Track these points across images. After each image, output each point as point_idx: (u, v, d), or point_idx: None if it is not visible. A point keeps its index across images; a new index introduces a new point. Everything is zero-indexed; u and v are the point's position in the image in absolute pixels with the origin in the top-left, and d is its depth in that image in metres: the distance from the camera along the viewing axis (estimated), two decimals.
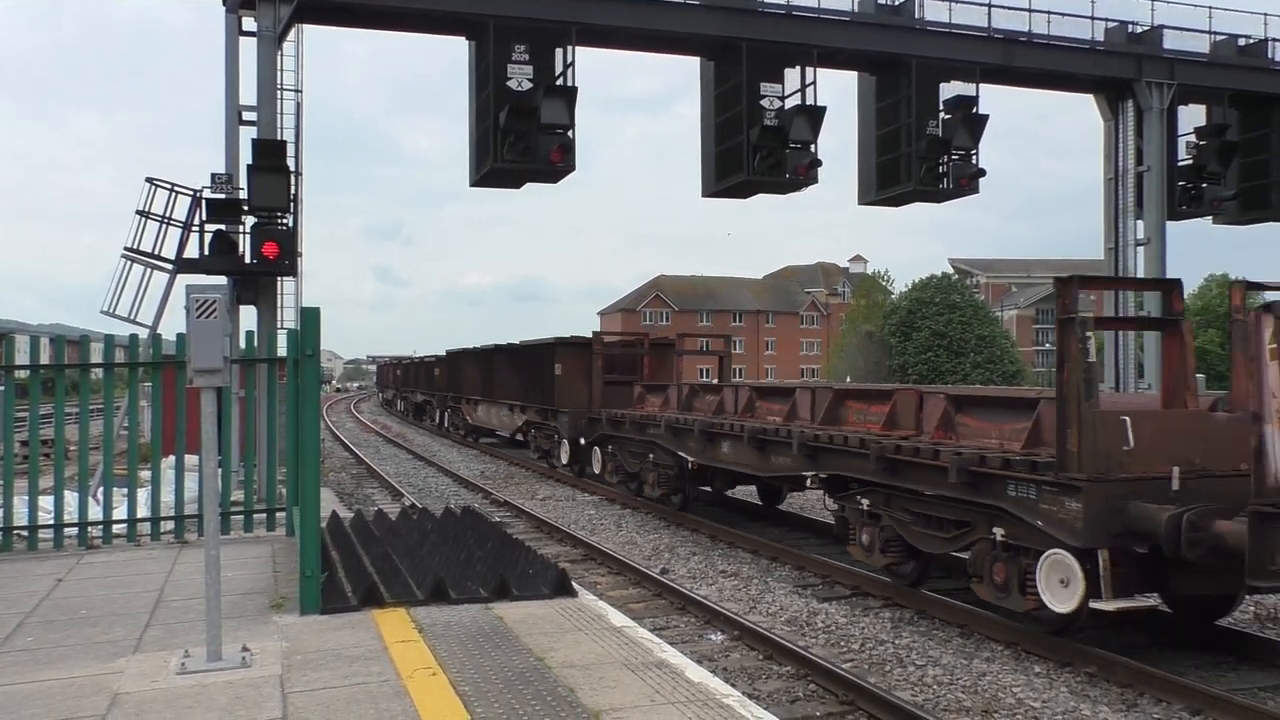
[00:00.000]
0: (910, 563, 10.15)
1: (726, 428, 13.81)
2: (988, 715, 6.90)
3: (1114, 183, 24.48)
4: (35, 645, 6.17)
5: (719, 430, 14.02)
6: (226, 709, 4.96)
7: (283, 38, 18.12)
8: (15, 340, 15.87)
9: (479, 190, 20.75)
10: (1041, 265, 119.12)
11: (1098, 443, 7.56)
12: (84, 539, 9.43)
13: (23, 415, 16.13)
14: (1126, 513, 7.43)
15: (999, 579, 8.51)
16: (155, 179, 16.73)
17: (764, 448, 12.79)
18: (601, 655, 5.86)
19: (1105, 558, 7.40)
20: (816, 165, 20.02)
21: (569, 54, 18.72)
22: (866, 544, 10.55)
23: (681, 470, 15.60)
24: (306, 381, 7.49)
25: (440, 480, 22.49)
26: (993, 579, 8.58)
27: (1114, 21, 23.71)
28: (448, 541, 9.04)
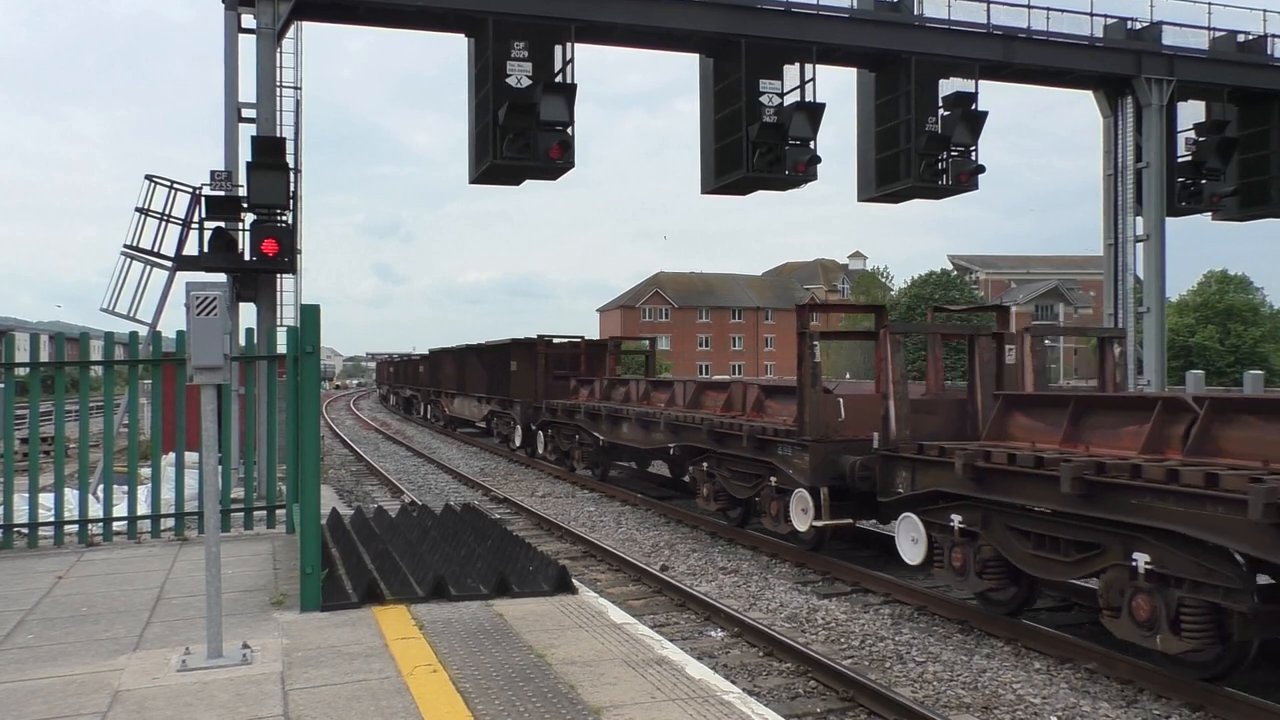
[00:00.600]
0: (736, 509, 13.80)
1: (624, 412, 17.58)
2: (988, 711, 6.91)
3: (1113, 179, 24.48)
4: (36, 642, 6.18)
5: (619, 415, 17.76)
6: (227, 706, 4.97)
7: (282, 35, 18.10)
8: (15, 338, 15.85)
9: (478, 187, 20.74)
10: (1041, 261, 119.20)
11: (820, 416, 11.29)
12: (84, 536, 9.44)
13: (23, 413, 16.13)
14: (837, 463, 11.05)
15: (774, 512, 12.12)
16: (155, 176, 16.73)
17: (647, 427, 16.55)
18: (602, 652, 5.86)
19: (825, 493, 11.05)
20: (816, 162, 20.03)
21: (568, 51, 18.71)
22: (706, 495, 14.26)
23: (598, 448, 19.29)
24: (306, 379, 7.49)
25: (440, 477, 22.49)
26: (770, 513, 12.21)
27: (1113, 18, 23.72)
28: (448, 538, 9.05)
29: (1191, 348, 66.61)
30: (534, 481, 20.93)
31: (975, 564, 8.75)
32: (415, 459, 27.09)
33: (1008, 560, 8.47)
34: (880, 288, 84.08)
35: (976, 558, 8.74)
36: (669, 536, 14.02)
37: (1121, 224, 24.41)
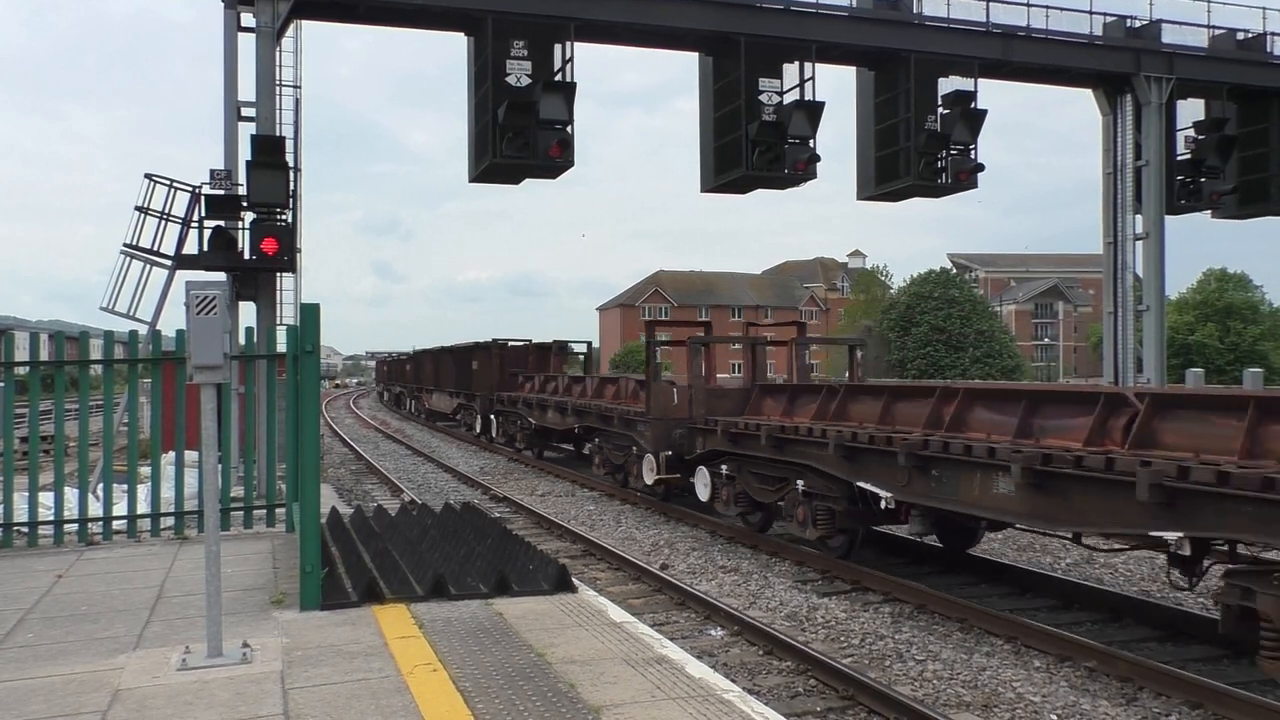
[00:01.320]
0: (619, 473, 17.87)
1: (549, 401, 22.62)
2: (988, 710, 6.91)
3: (1113, 177, 24.47)
4: (36, 641, 6.18)
5: (546, 403, 22.85)
6: (227, 705, 4.97)
7: (281, 33, 18.08)
8: (15, 337, 15.83)
9: (477, 186, 20.74)
10: (1040, 260, 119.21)
11: (661, 401, 15.60)
12: (84, 535, 9.44)
13: (22, 412, 16.14)
14: (670, 435, 15.17)
15: (635, 473, 16.59)
16: (154, 175, 16.72)
17: (562, 412, 21.45)
18: (602, 651, 5.86)
19: (662, 457, 15.24)
20: (815, 160, 20.01)
21: (567, 49, 18.70)
22: (597, 463, 19.00)
23: (533, 430, 24.21)
24: (306, 377, 7.49)
25: (440, 476, 22.50)
26: (634, 474, 16.72)
27: (1112, 16, 23.70)
28: (447, 537, 9.05)
29: (1191, 346, 66.68)
30: (534, 480, 20.94)
31: (734, 499, 13.16)
32: (415, 458, 27.09)
33: (749, 494, 12.84)
34: (880, 286, 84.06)
35: (735, 494, 13.14)
36: (669, 535, 14.03)
37: (1121, 222, 24.40)
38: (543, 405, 22.97)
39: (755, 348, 15.71)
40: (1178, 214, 24.47)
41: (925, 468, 9.29)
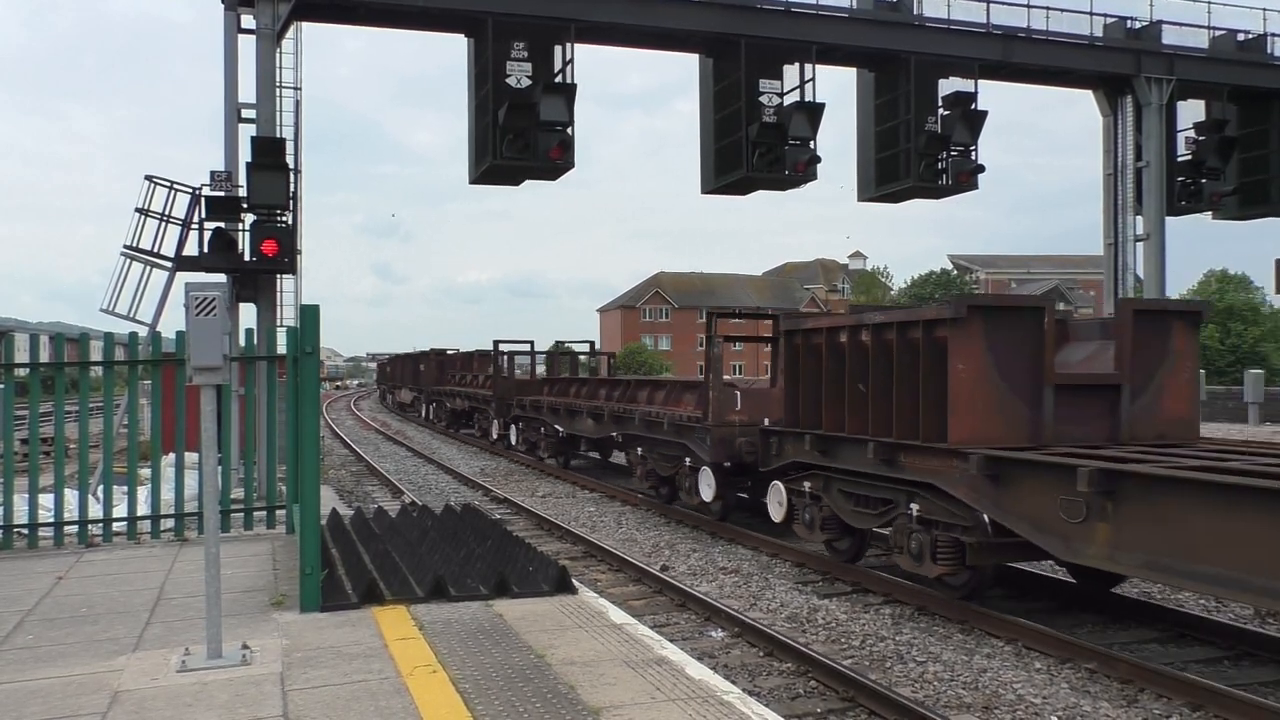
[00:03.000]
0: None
1: (459, 392, 34.89)
2: (989, 711, 6.90)
3: (1113, 178, 24.47)
4: (36, 643, 6.17)
5: (458, 393, 35.05)
6: (227, 706, 4.97)
7: (281, 35, 18.10)
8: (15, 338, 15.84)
9: (477, 187, 20.75)
10: (1041, 261, 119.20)
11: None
12: (84, 537, 9.43)
13: (23, 413, 16.15)
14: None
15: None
16: (154, 177, 16.74)
17: (470, 398, 32.60)
18: (602, 652, 5.86)
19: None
20: (815, 161, 20.02)
21: (568, 51, 18.71)
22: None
23: (452, 411, 36.16)
24: (306, 379, 7.49)
25: (440, 477, 22.49)
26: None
27: (1113, 17, 23.71)
28: (448, 539, 9.04)
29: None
30: (534, 482, 20.93)
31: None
32: (415, 459, 27.09)
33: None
34: (880, 287, 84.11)
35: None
36: (669, 536, 14.02)
37: (1121, 223, 24.40)
38: (454, 394, 36.22)
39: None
40: (1178, 215, 24.47)
41: None
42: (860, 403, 10.21)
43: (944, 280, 74.70)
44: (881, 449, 9.77)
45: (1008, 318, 9.00)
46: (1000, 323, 8.91)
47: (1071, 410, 9.07)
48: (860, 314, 10.58)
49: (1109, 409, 9.25)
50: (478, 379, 33.40)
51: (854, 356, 10.40)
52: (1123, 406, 9.23)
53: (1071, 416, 9.08)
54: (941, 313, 9.02)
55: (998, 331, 8.85)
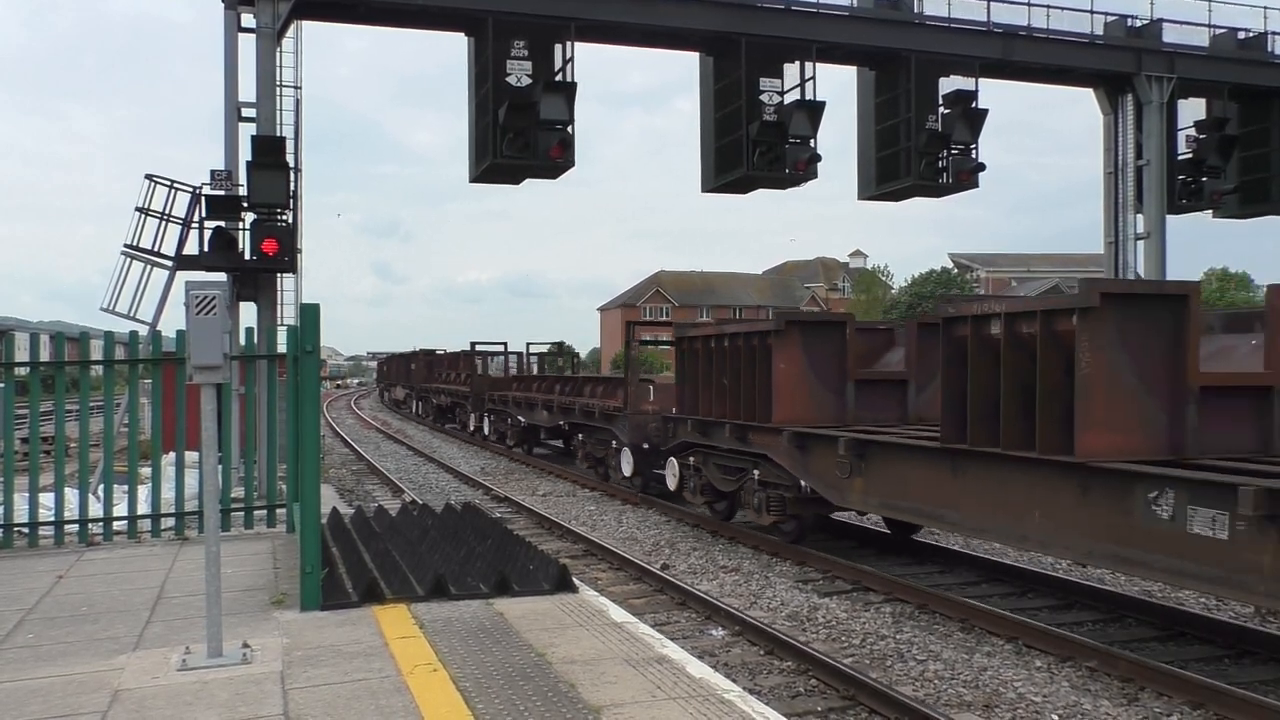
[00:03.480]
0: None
1: (443, 389, 38.19)
2: (989, 710, 6.90)
3: (1114, 177, 24.46)
4: (36, 642, 6.17)
5: (441, 390, 38.61)
6: (227, 705, 4.96)
7: (282, 34, 18.09)
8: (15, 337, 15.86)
9: (477, 186, 20.75)
10: (1042, 260, 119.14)
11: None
12: (84, 536, 9.43)
13: (23, 412, 16.14)
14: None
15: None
16: (155, 176, 16.73)
17: (452, 394, 35.95)
18: (602, 651, 5.85)
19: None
20: (816, 160, 20.02)
21: (568, 49, 18.70)
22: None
23: (438, 406, 39.17)
24: (306, 378, 7.48)
25: (441, 476, 22.49)
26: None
27: (1113, 15, 23.70)
28: (448, 537, 9.04)
29: None
30: (535, 480, 20.93)
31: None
32: (416, 458, 27.09)
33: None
34: (881, 286, 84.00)
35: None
36: (670, 535, 14.02)
37: (1122, 222, 24.40)
38: (438, 391, 39.77)
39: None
40: (1179, 214, 24.45)
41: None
42: (723, 394, 13.11)
43: (944, 279, 74.55)
44: (735, 429, 12.60)
45: (820, 329, 11.92)
46: (814, 333, 11.79)
47: (871, 399, 11.73)
48: (722, 325, 13.94)
49: (900, 398, 11.89)
50: (460, 377, 35.96)
51: (719, 358, 13.30)
52: (910, 396, 11.84)
53: (871, 404, 11.74)
54: (769, 326, 11.87)
55: (812, 340, 11.71)
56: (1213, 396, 7.76)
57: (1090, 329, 7.48)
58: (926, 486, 9.32)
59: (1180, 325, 7.66)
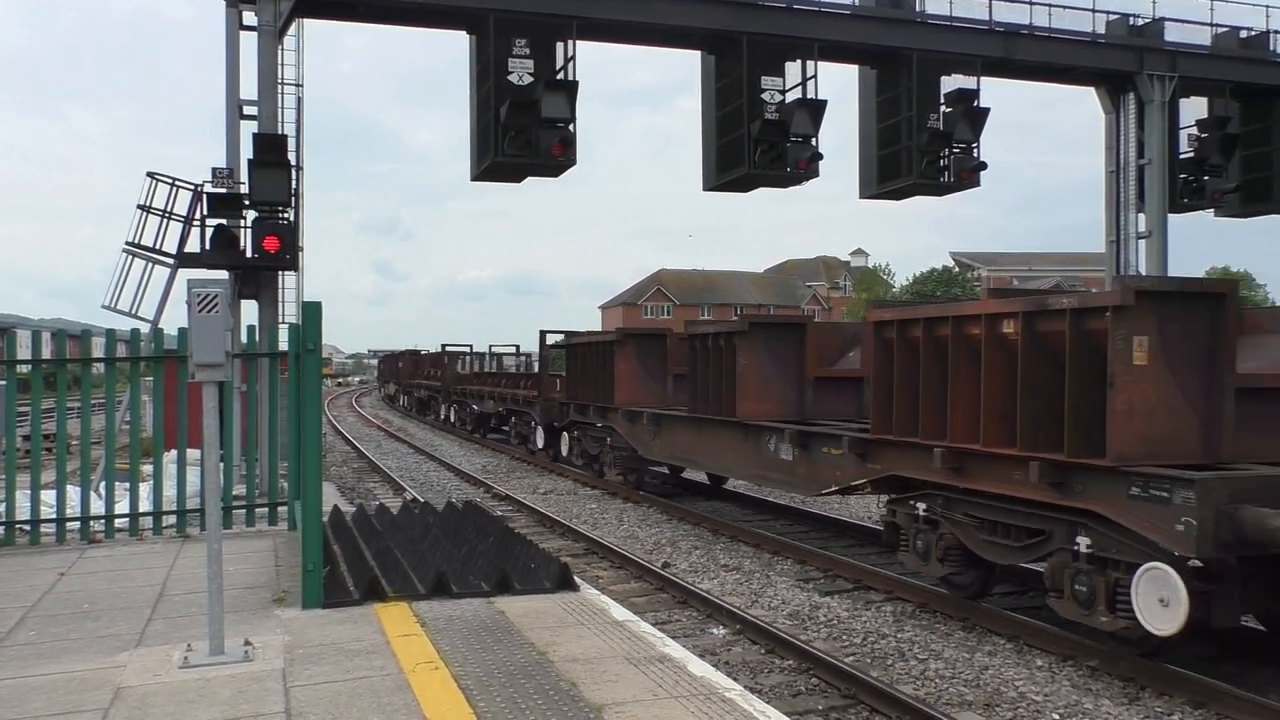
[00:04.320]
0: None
1: (423, 384, 44.83)
2: (990, 709, 6.91)
3: (1115, 176, 24.44)
4: (38, 639, 6.18)
5: (423, 385, 44.77)
6: (229, 703, 4.97)
7: (283, 32, 18.08)
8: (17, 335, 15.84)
9: (478, 185, 20.74)
10: (1043, 259, 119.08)
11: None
12: (86, 533, 9.44)
13: (25, 410, 16.14)
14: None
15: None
16: (156, 173, 16.72)
17: (430, 389, 41.77)
18: (604, 650, 5.86)
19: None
20: (817, 159, 19.99)
21: (569, 48, 18.69)
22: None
23: (419, 400, 45.46)
24: (308, 376, 7.49)
25: (442, 474, 22.50)
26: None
27: (1115, 14, 23.66)
28: (449, 536, 9.05)
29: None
30: (536, 479, 20.94)
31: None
32: (417, 456, 27.10)
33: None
34: (882, 285, 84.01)
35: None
36: (671, 534, 14.02)
37: (1124, 221, 24.37)
38: (420, 386, 46.03)
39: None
40: (1180, 212, 24.42)
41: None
42: (587, 385, 18.96)
43: (946, 278, 74.60)
44: (596, 410, 18.52)
45: (648, 339, 17.52)
46: (644, 341, 17.49)
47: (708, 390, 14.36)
48: (589, 335, 20.49)
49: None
50: (436, 373, 41.72)
51: (588, 359, 19.09)
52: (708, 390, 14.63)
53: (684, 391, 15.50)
54: (612, 337, 17.76)
55: (643, 346, 17.32)
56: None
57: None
58: (688, 441, 14.98)
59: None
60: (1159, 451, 7.27)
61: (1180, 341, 7.38)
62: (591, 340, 19.45)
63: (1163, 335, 7.31)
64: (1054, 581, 7.88)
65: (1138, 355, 7.25)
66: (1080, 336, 7.50)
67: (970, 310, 8.67)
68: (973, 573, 9.21)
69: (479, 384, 32.58)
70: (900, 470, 9.55)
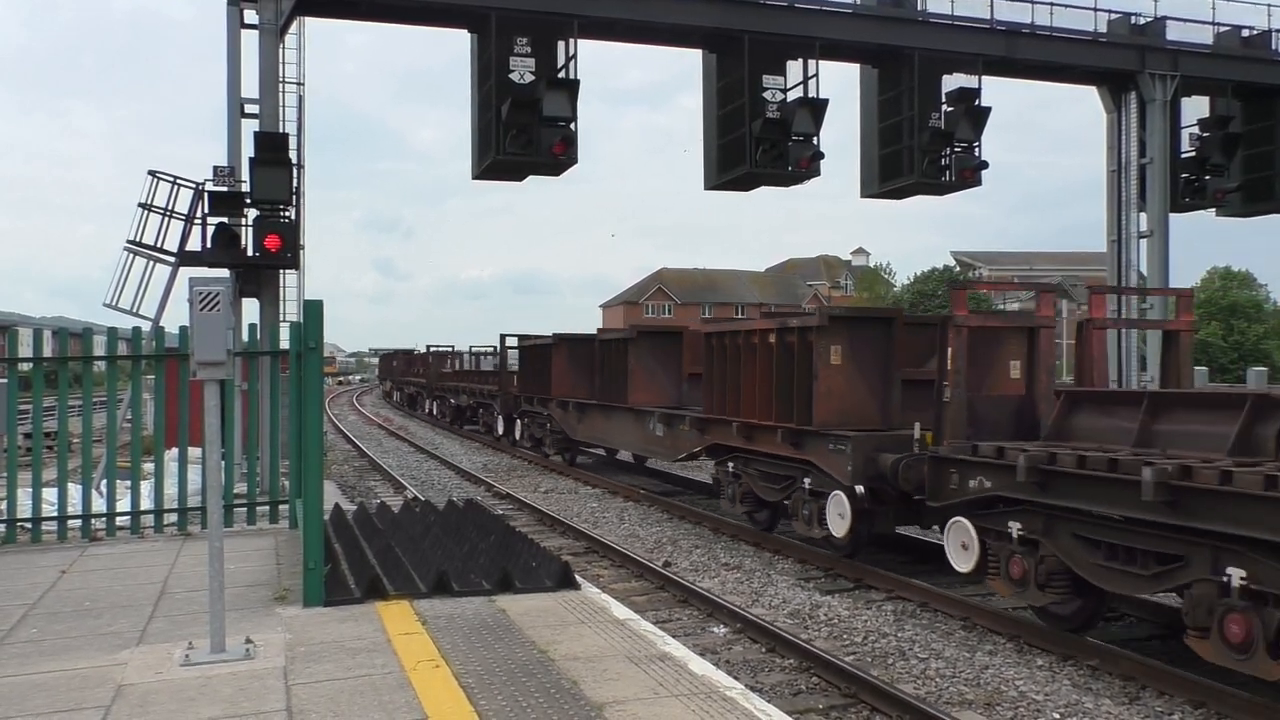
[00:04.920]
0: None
1: (414, 381, 49.20)
2: (990, 708, 6.91)
3: (1117, 175, 24.43)
4: (40, 637, 6.19)
5: (413, 381, 50.02)
6: (230, 700, 4.98)
7: (284, 30, 18.09)
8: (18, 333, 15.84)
9: (479, 183, 20.75)
10: (1044, 258, 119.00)
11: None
12: (87, 531, 9.45)
13: (26, 408, 16.15)
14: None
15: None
16: (158, 172, 16.73)
17: (417, 385, 47.73)
18: (605, 648, 5.86)
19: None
20: (819, 158, 20.00)
21: (571, 46, 18.69)
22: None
23: (409, 395, 51.13)
24: (309, 374, 7.49)
25: (443, 473, 22.51)
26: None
27: (1117, 13, 23.67)
28: (450, 534, 9.05)
29: (1195, 344, 66.50)
30: (537, 477, 20.94)
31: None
32: (418, 454, 27.11)
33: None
34: (883, 284, 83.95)
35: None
36: (672, 533, 14.02)
37: (1125, 220, 24.36)
38: (409, 383, 51.13)
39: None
40: (1182, 212, 24.43)
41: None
42: (533, 381, 23.18)
43: (947, 277, 74.48)
44: (539, 401, 22.65)
45: (578, 342, 20.94)
46: (574, 344, 21.01)
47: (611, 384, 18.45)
48: (533, 339, 24.17)
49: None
50: (423, 371, 46.82)
51: (531, 358, 23.68)
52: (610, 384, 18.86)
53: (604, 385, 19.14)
54: (550, 341, 21.68)
55: (573, 348, 20.91)
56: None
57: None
58: (601, 424, 19.28)
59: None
60: (849, 421, 10.92)
61: (863, 349, 11.16)
62: (536, 344, 23.53)
63: (851, 345, 11.09)
64: (793, 509, 11.79)
65: (833, 358, 11.00)
66: (804, 345, 11.16)
67: (750, 326, 12.60)
68: (765, 511, 13.09)
69: (456, 381, 37.65)
70: (719, 439, 13.50)
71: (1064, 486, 7.58)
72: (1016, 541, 8.17)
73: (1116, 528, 7.32)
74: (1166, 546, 6.88)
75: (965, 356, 9.49)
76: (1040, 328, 10.18)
